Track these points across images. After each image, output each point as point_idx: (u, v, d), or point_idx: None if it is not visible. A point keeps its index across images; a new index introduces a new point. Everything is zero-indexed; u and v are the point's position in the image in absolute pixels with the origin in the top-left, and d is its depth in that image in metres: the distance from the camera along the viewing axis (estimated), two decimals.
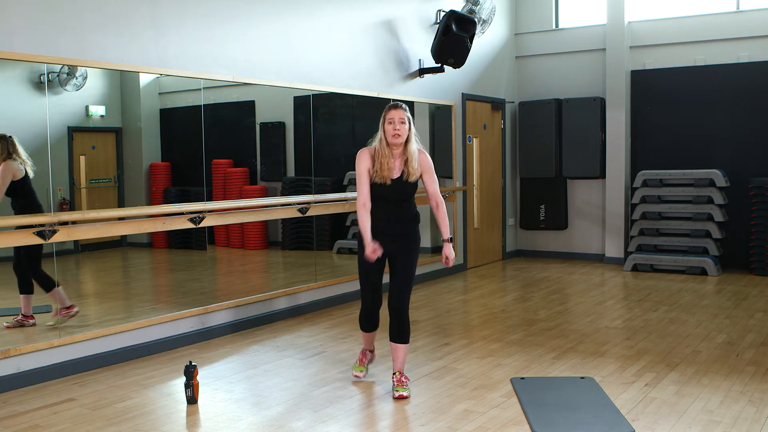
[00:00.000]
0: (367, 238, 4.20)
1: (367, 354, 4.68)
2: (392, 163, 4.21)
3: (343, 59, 7.12)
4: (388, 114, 4.20)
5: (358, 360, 4.69)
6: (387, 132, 4.18)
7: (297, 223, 7.40)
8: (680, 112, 9.18)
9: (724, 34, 8.85)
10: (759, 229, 8.37)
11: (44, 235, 4.57)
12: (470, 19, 8.06)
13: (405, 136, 4.19)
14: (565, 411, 3.96)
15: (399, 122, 4.16)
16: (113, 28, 5.01)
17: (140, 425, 3.88)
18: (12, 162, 4.87)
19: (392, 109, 4.21)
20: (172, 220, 5.41)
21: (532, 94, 10.18)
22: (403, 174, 4.23)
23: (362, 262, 4.32)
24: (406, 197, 4.31)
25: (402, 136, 4.17)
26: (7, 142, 4.87)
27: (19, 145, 4.89)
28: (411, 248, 4.36)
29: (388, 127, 4.18)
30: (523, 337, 5.69)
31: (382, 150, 4.20)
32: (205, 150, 5.82)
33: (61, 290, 5.13)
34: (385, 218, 4.27)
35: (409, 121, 4.23)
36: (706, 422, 3.81)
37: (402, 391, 4.25)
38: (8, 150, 4.87)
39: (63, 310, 5.10)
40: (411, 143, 4.24)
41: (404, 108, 4.23)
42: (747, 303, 6.90)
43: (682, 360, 4.99)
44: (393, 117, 4.17)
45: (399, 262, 4.32)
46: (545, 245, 10.28)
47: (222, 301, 5.95)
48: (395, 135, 4.16)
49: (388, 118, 4.19)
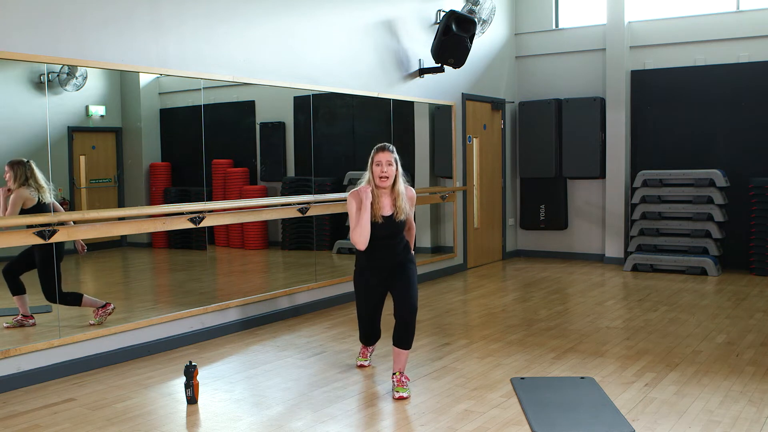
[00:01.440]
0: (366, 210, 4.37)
1: (368, 348, 4.89)
2: (382, 202, 4.38)
3: (343, 59, 7.12)
4: (375, 156, 4.37)
5: (360, 353, 4.90)
6: (375, 174, 4.35)
7: (297, 223, 7.40)
8: (680, 112, 9.18)
9: (724, 34, 8.85)
10: (759, 229, 8.37)
11: (44, 235, 4.57)
12: (470, 19, 8.06)
13: (392, 178, 4.37)
14: (565, 411, 3.97)
15: (386, 164, 4.33)
16: (113, 28, 5.01)
17: (140, 425, 3.88)
18: (24, 190, 4.87)
19: (380, 151, 4.37)
20: (172, 220, 5.41)
21: (532, 94, 10.18)
22: (394, 212, 4.39)
23: (361, 293, 4.55)
24: (397, 233, 4.45)
25: (389, 178, 4.35)
26: (25, 167, 4.89)
27: (37, 170, 4.91)
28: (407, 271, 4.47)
29: (376, 169, 4.35)
30: (523, 337, 5.69)
31: (373, 190, 4.37)
32: (205, 150, 5.82)
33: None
34: (378, 255, 4.45)
35: (396, 163, 4.38)
36: (706, 422, 3.81)
37: (402, 392, 4.26)
38: (26, 175, 4.89)
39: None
40: (398, 183, 4.40)
41: (391, 150, 4.39)
42: (747, 303, 6.90)
43: (682, 360, 4.99)
44: (381, 160, 4.34)
45: (398, 280, 4.45)
46: (545, 245, 10.28)
47: (222, 301, 5.95)
48: (382, 178, 4.33)
49: (376, 161, 4.36)
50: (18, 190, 4.88)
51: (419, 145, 8.85)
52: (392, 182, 4.37)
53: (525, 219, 10.29)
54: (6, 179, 4.90)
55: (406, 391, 4.28)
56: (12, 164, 4.90)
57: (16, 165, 4.90)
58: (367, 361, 4.86)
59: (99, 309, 5.27)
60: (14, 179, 4.88)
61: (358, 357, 4.90)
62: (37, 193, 4.90)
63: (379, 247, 4.43)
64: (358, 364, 4.85)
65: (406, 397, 4.25)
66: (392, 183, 4.37)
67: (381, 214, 4.36)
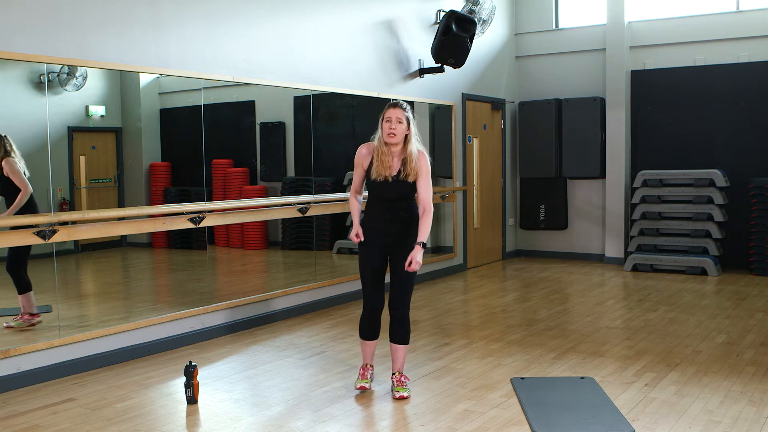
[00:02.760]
0: (355, 221, 4.31)
1: (368, 368, 4.44)
2: (390, 160, 4.18)
3: (343, 59, 7.13)
4: (386, 113, 4.18)
5: (360, 375, 4.43)
6: (384, 130, 4.16)
7: (297, 223, 7.40)
8: (680, 112, 9.18)
9: (724, 34, 8.85)
10: (759, 229, 8.37)
11: (44, 235, 4.57)
12: (470, 19, 8.06)
13: (401, 136, 4.16)
14: (565, 411, 3.96)
15: (396, 121, 4.14)
16: (113, 28, 5.01)
17: (140, 425, 3.88)
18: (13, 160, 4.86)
19: (391, 107, 4.18)
20: (172, 220, 5.41)
21: (532, 94, 10.18)
22: (400, 173, 4.18)
23: (362, 259, 4.29)
24: (404, 197, 4.23)
25: (397, 135, 4.14)
26: (3, 141, 4.87)
27: (14, 144, 4.90)
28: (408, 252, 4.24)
29: (385, 125, 4.15)
30: (523, 337, 5.69)
31: (381, 147, 4.19)
32: (205, 150, 5.82)
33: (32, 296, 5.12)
34: (384, 217, 4.24)
35: (408, 121, 4.19)
36: (706, 422, 3.81)
37: (402, 391, 4.25)
38: (5, 148, 4.86)
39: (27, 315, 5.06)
40: (411, 143, 4.20)
41: (404, 107, 4.20)
42: (747, 303, 6.90)
43: (682, 360, 4.99)
44: (390, 116, 4.15)
45: (399, 265, 4.26)
46: (545, 245, 10.28)
47: (222, 301, 5.95)
48: (390, 134, 4.14)
49: (386, 117, 4.16)
50: (9, 161, 4.86)
51: None
52: (402, 140, 4.17)
53: (525, 219, 10.29)
54: None
55: (406, 391, 4.27)
56: None
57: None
58: (368, 383, 4.39)
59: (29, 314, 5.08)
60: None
61: (358, 379, 4.40)
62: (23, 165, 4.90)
63: (381, 209, 4.22)
64: (359, 386, 4.35)
65: (406, 396, 4.24)
66: (403, 142, 4.18)
67: (386, 174, 4.15)
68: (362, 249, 4.30)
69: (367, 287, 4.32)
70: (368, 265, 4.28)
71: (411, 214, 4.27)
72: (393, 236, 4.25)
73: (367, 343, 4.42)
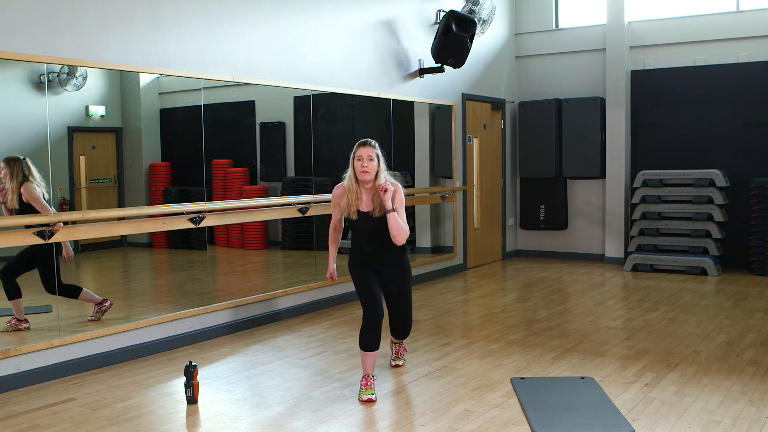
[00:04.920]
0: (330, 260, 4.71)
1: (370, 378, 4.33)
2: (361, 198, 4.37)
3: (343, 59, 7.12)
4: (357, 152, 4.35)
5: (363, 385, 4.30)
6: (356, 169, 4.34)
7: (297, 223, 7.40)
8: (680, 112, 9.18)
9: (724, 34, 8.85)
10: (759, 229, 8.37)
11: (44, 235, 4.57)
12: (470, 19, 8.06)
13: (373, 173, 4.33)
14: (565, 411, 3.97)
15: (367, 159, 4.31)
16: (113, 28, 5.02)
17: (140, 425, 3.88)
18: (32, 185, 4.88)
19: (361, 146, 4.36)
20: (172, 220, 5.41)
21: (532, 94, 10.18)
22: (374, 209, 4.34)
23: (357, 276, 4.45)
24: (382, 230, 4.35)
25: (370, 173, 4.31)
26: (22, 164, 4.88)
27: (33, 166, 4.92)
28: (401, 278, 4.49)
29: (357, 164, 4.34)
30: (523, 337, 5.69)
31: (351, 186, 4.37)
32: (205, 150, 5.82)
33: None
34: (369, 250, 4.45)
35: (378, 158, 4.35)
36: (706, 422, 3.81)
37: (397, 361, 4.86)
38: (23, 173, 4.88)
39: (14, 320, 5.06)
40: (379, 180, 4.35)
41: (373, 145, 4.37)
42: (747, 303, 6.90)
43: (682, 360, 4.99)
44: (362, 154, 4.32)
45: (393, 293, 4.47)
46: (545, 245, 10.28)
47: (222, 301, 5.95)
48: (363, 172, 4.31)
49: (357, 156, 4.34)
50: (28, 186, 4.86)
51: (419, 145, 8.85)
52: (373, 177, 4.33)
53: (525, 219, 10.29)
54: (1, 176, 4.88)
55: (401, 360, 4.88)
56: (8, 161, 4.88)
57: (12, 161, 4.88)
58: (374, 394, 4.25)
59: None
60: (11, 176, 4.86)
61: (362, 390, 4.27)
62: (41, 189, 4.91)
63: (367, 242, 4.42)
64: (366, 398, 4.21)
65: (401, 365, 4.85)
66: (374, 178, 4.34)
67: (359, 210, 4.34)
68: (355, 269, 4.48)
69: (368, 302, 4.38)
70: (365, 280, 4.42)
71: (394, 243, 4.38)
72: (383, 264, 4.45)
73: (368, 354, 4.35)
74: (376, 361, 4.42)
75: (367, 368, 4.35)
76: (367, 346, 4.34)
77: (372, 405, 4.17)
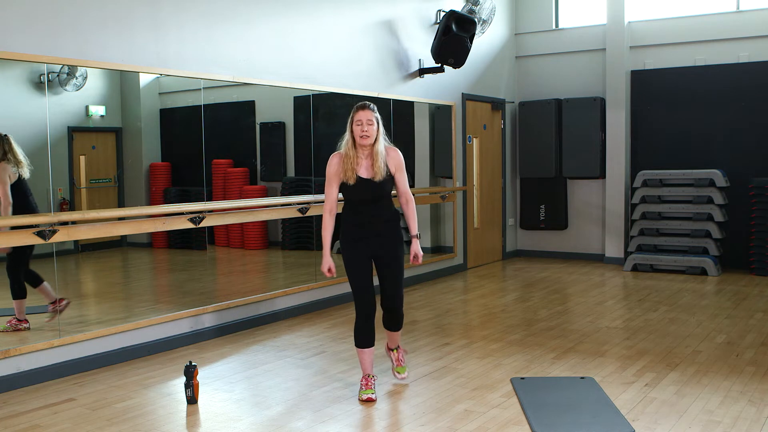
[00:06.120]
0: (325, 251, 4.24)
1: (370, 378, 4.31)
2: (360, 163, 4.20)
3: (343, 59, 7.13)
4: (356, 115, 4.18)
5: (363, 386, 4.28)
6: (355, 133, 4.16)
7: (297, 223, 7.40)
8: (680, 112, 9.18)
9: (724, 34, 8.85)
10: (759, 229, 8.37)
11: (44, 235, 4.56)
12: (470, 19, 8.06)
13: (374, 137, 4.17)
14: (565, 411, 3.96)
15: (367, 123, 4.14)
16: (113, 28, 5.02)
17: (140, 425, 3.88)
18: (5, 164, 4.79)
19: (360, 110, 4.18)
20: (172, 220, 5.41)
21: (532, 94, 10.18)
22: (375, 175, 4.20)
23: (349, 263, 4.27)
24: (378, 197, 4.23)
25: (371, 137, 4.15)
26: (3, 141, 4.78)
27: (15, 144, 4.81)
28: (394, 249, 4.31)
29: (356, 128, 4.16)
30: (523, 337, 5.69)
31: (348, 151, 4.19)
32: (205, 150, 5.82)
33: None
34: (361, 220, 4.26)
35: (378, 121, 4.20)
36: (706, 422, 3.81)
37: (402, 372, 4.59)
38: (3, 150, 4.78)
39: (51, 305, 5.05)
40: (378, 143, 4.20)
41: (372, 108, 4.21)
42: (747, 303, 6.90)
43: (682, 360, 4.99)
44: (361, 118, 4.15)
45: (385, 265, 4.30)
46: (545, 245, 10.28)
47: (222, 301, 5.95)
48: (363, 136, 4.14)
49: (356, 120, 4.16)
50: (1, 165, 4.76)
51: (419, 145, 8.85)
52: (374, 142, 4.17)
53: (525, 219, 10.29)
54: None
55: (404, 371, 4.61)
56: None
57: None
58: (374, 393, 4.24)
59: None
60: None
61: (362, 390, 4.25)
62: (17, 168, 4.81)
63: (361, 212, 4.24)
64: (366, 398, 4.20)
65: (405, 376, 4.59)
66: (374, 143, 4.18)
67: (358, 176, 4.16)
68: (347, 254, 4.29)
69: (360, 291, 4.27)
70: (357, 268, 4.26)
71: (387, 213, 4.31)
72: (374, 238, 4.27)
73: (365, 351, 4.30)
74: (373, 360, 4.40)
75: (366, 368, 4.33)
76: (361, 343, 4.28)
77: (372, 405, 4.18)
